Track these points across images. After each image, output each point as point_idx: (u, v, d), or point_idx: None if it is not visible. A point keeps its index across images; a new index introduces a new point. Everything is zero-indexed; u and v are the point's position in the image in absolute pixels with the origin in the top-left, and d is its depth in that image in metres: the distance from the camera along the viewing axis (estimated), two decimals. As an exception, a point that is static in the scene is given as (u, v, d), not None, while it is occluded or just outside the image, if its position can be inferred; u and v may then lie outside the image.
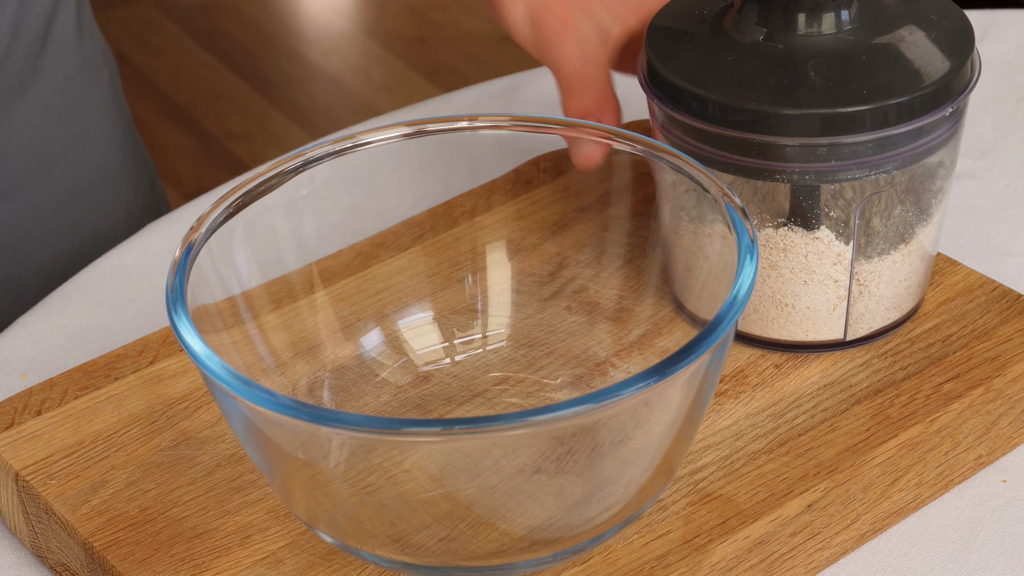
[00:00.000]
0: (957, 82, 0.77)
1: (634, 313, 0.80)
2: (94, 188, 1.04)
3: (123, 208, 1.07)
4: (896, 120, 0.75)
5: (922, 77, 0.76)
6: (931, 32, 0.77)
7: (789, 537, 0.73)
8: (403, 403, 0.79)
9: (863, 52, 0.76)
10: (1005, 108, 1.04)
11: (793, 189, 0.76)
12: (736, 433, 0.77)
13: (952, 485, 0.78)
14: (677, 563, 0.71)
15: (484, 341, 0.81)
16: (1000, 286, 0.83)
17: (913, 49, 0.76)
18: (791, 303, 0.79)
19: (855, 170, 0.76)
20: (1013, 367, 0.79)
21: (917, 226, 0.79)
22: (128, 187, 1.07)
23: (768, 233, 0.77)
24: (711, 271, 0.74)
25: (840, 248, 0.77)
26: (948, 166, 0.79)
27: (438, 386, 0.79)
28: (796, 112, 0.74)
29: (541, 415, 0.63)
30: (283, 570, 0.72)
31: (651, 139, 0.75)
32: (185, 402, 0.80)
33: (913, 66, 0.76)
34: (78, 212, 1.03)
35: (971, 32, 0.78)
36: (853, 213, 0.76)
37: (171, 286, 0.69)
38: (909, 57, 0.76)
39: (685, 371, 0.65)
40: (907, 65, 0.76)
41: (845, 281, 0.78)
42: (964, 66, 0.77)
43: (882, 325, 0.80)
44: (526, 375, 0.80)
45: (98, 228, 1.04)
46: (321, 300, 0.80)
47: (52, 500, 0.75)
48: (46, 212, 1.01)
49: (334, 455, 0.68)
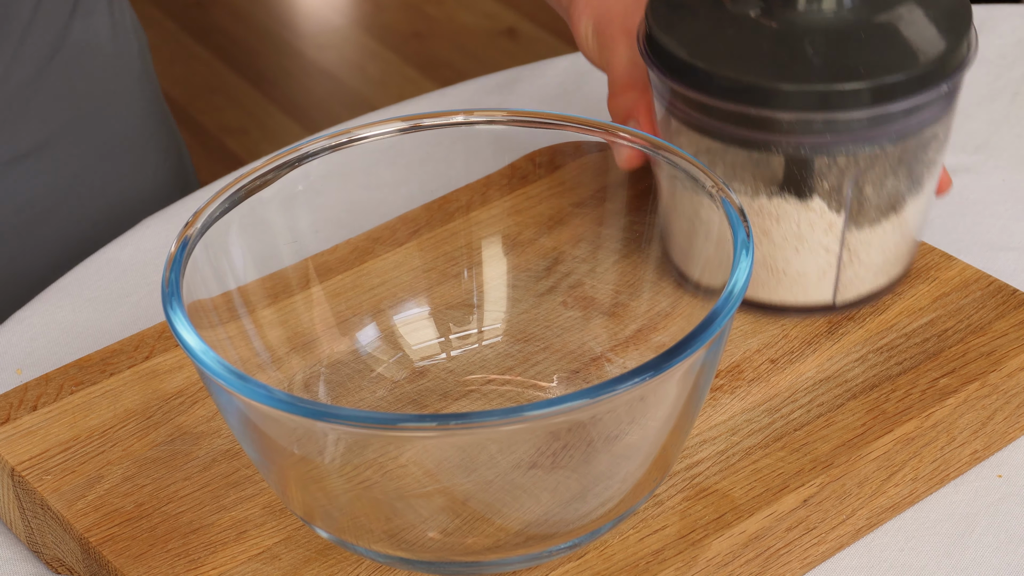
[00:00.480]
0: (953, 60, 0.77)
1: (630, 308, 0.80)
2: (122, 152, 1.08)
3: (150, 175, 1.11)
4: (892, 97, 0.75)
5: (918, 55, 0.76)
6: (929, 11, 0.78)
7: (785, 532, 0.73)
8: (399, 398, 0.79)
9: (861, 29, 0.76)
10: (1001, 102, 1.04)
11: (788, 160, 0.76)
12: (732, 428, 0.77)
13: (948, 480, 0.78)
14: (673, 558, 0.71)
15: (480, 336, 0.81)
16: (996, 281, 0.83)
17: (910, 27, 0.77)
18: (782, 268, 0.79)
19: (850, 144, 0.76)
20: (1009, 362, 0.79)
21: (908, 196, 0.79)
22: (156, 154, 1.11)
23: (762, 202, 0.78)
24: (707, 238, 0.74)
25: (832, 218, 0.78)
26: (942, 139, 0.79)
27: (434, 381, 0.79)
28: (793, 87, 0.75)
29: (536, 410, 0.63)
30: (279, 565, 0.72)
31: (648, 134, 0.75)
32: (181, 397, 0.80)
33: (910, 44, 0.76)
34: (107, 175, 1.06)
35: (969, 11, 0.78)
36: (846, 184, 0.77)
37: (167, 281, 0.69)
38: (906, 35, 0.76)
39: (681, 366, 0.65)
40: (904, 43, 0.76)
41: (836, 249, 0.79)
42: (960, 44, 0.77)
43: (870, 290, 0.81)
44: (522, 370, 0.80)
45: (125, 193, 1.07)
46: (317, 295, 0.80)
47: (48, 495, 0.75)
48: (74, 172, 1.04)
49: (330, 450, 0.68)
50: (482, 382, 0.79)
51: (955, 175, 0.98)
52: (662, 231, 0.78)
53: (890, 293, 0.82)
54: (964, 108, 1.04)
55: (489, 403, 0.78)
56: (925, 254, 0.86)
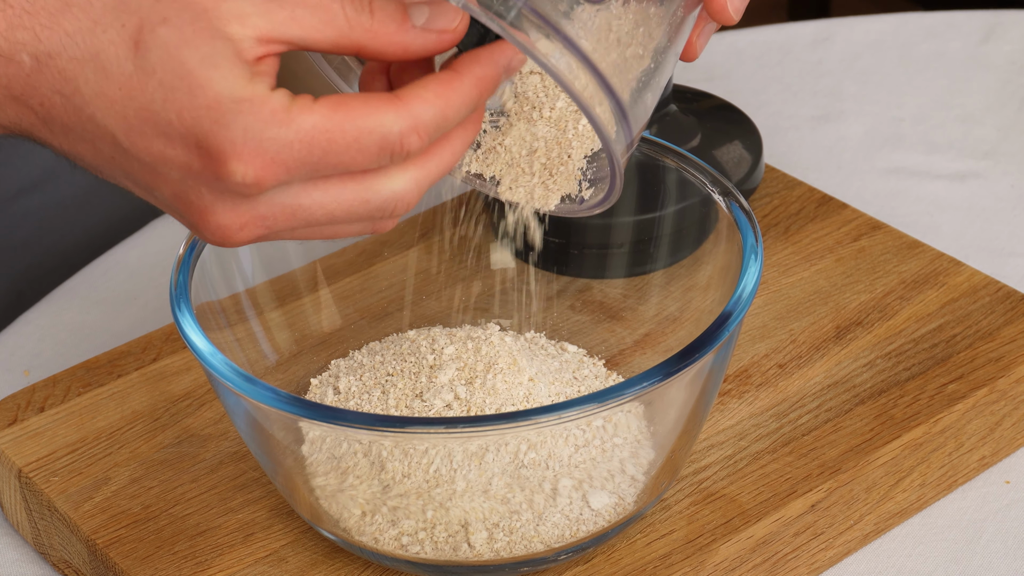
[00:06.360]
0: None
1: (638, 312, 0.80)
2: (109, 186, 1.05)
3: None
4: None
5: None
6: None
7: (792, 537, 0.73)
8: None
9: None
10: (1010, 108, 1.04)
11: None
12: (740, 433, 0.76)
13: (956, 486, 0.78)
14: (680, 563, 0.71)
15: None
16: (1004, 287, 0.83)
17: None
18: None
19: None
20: (1017, 368, 0.79)
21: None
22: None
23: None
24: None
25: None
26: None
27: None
28: None
29: (545, 414, 0.63)
30: (285, 568, 0.72)
31: (658, 138, 0.75)
32: (188, 399, 0.80)
33: None
34: (105, 197, 1.04)
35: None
36: None
37: (175, 283, 0.69)
38: None
39: (689, 370, 0.65)
40: None
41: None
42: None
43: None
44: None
45: (134, 195, 1.06)
46: (324, 297, 0.80)
47: (55, 497, 0.75)
48: (86, 175, 1.03)
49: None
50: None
51: (964, 181, 0.97)
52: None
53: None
54: (972, 114, 1.04)
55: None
56: (933, 259, 0.85)
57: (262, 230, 0.58)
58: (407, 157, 0.57)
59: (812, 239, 0.88)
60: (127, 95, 0.56)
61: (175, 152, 0.56)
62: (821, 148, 1.02)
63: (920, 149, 1.01)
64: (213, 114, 0.55)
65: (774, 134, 1.02)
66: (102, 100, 0.56)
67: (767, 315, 0.83)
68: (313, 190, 0.57)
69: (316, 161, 0.56)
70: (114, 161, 0.58)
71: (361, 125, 0.56)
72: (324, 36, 0.57)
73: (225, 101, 0.55)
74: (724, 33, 1.12)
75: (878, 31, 1.12)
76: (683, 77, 1.06)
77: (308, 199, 0.57)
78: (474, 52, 0.58)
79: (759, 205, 0.91)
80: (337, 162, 0.56)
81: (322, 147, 0.56)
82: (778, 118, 1.04)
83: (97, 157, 0.58)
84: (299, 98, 0.56)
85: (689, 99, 0.95)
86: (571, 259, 0.82)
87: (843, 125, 1.04)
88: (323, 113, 0.56)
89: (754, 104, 1.05)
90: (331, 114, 0.56)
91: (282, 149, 0.56)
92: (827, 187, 0.97)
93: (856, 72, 1.08)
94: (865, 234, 0.88)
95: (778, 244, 0.88)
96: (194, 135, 0.56)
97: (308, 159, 0.56)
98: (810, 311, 0.83)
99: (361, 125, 0.56)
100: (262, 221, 0.58)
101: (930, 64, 1.08)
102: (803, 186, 0.92)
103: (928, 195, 0.97)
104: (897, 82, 1.07)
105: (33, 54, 0.56)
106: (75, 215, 1.03)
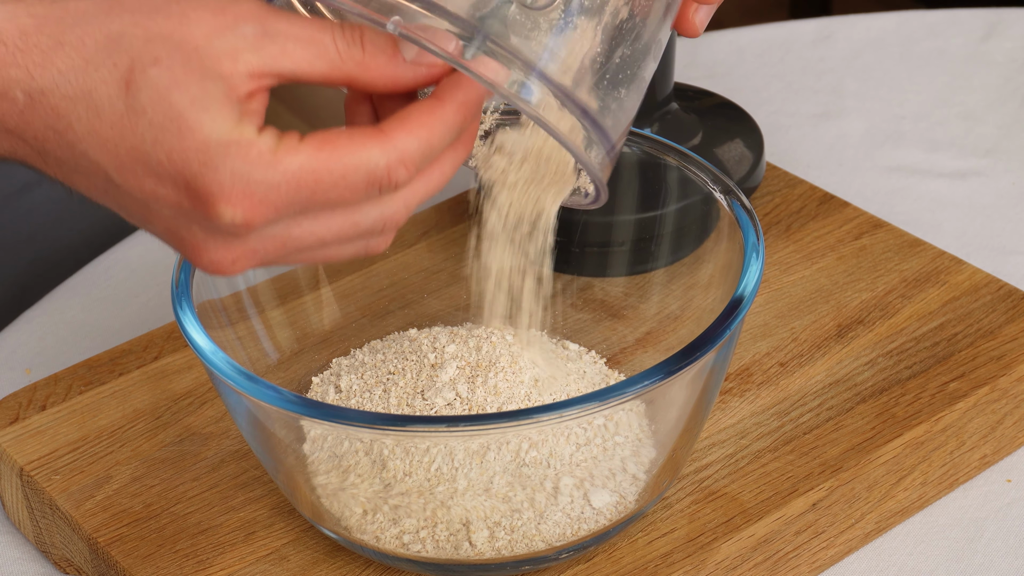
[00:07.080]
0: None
1: (639, 311, 0.80)
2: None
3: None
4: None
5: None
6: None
7: (793, 536, 0.73)
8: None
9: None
10: (1011, 106, 1.04)
11: None
12: (741, 431, 0.76)
13: (957, 484, 0.78)
14: (681, 561, 0.71)
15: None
16: (1006, 285, 0.83)
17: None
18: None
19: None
20: (1018, 366, 0.79)
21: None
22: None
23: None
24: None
25: None
26: None
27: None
28: None
29: (546, 413, 0.63)
30: (287, 566, 0.72)
31: (659, 137, 0.75)
32: (189, 398, 0.80)
33: None
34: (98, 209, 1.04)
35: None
36: None
37: (176, 281, 0.69)
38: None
39: (690, 369, 0.65)
40: None
41: None
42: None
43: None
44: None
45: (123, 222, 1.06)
46: (326, 296, 0.80)
47: (56, 495, 0.75)
48: (76, 198, 1.03)
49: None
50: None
51: (965, 179, 0.97)
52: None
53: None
54: (974, 111, 1.04)
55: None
56: (935, 258, 0.85)
57: (255, 261, 0.59)
58: (396, 189, 0.58)
59: (813, 237, 0.88)
60: (118, 134, 0.56)
61: (166, 191, 0.57)
62: (822, 146, 1.02)
63: (921, 147, 1.01)
64: (202, 156, 0.56)
65: (775, 132, 1.02)
66: (94, 138, 0.57)
67: (768, 313, 0.83)
68: (303, 220, 0.58)
69: (304, 200, 0.57)
70: (108, 194, 0.59)
71: (347, 162, 0.56)
72: (315, 69, 0.57)
73: (213, 144, 0.56)
74: (725, 31, 1.12)
75: (879, 28, 1.12)
76: (684, 75, 1.06)
77: (299, 229, 0.58)
78: (455, 76, 0.59)
79: (760, 203, 0.91)
80: (325, 200, 0.57)
81: (310, 187, 0.56)
82: (779, 116, 1.04)
83: (92, 189, 0.59)
84: (285, 138, 0.57)
85: (690, 97, 0.95)
86: (572, 257, 0.82)
87: (844, 123, 1.04)
88: (308, 153, 0.56)
89: (755, 102, 1.05)
90: (316, 153, 0.56)
91: (270, 191, 0.56)
92: (828, 185, 0.97)
93: (857, 70, 1.08)
94: (866, 232, 0.88)
95: (779, 242, 0.88)
96: (183, 176, 0.56)
97: (296, 199, 0.56)
98: (811, 309, 0.83)
99: (347, 162, 0.56)
100: (254, 254, 0.58)
101: (931, 62, 1.08)
102: (804, 184, 0.92)
103: (929, 193, 0.97)
104: (898, 80, 1.07)
105: (26, 91, 0.57)
106: (77, 213, 1.03)
